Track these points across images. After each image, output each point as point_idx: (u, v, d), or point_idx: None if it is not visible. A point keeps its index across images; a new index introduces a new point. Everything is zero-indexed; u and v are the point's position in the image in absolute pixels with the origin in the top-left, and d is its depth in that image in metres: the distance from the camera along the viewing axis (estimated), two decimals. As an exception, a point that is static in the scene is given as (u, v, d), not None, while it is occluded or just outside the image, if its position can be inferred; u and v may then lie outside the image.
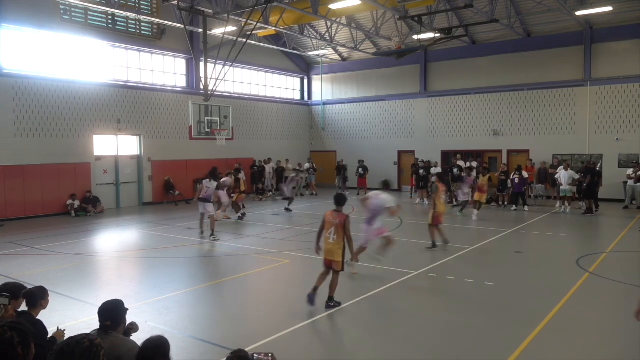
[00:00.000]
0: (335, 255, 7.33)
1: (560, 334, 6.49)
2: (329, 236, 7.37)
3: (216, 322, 7.25)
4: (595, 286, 8.75)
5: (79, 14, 18.50)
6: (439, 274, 9.40)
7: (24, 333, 2.56)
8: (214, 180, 13.43)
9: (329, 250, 7.38)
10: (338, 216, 7.35)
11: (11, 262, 10.72)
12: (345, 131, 28.08)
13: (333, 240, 7.32)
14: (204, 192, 13.22)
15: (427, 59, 25.09)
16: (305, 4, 17.54)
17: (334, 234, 7.31)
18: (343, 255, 7.38)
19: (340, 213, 7.41)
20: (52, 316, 6.08)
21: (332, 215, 7.42)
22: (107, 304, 3.81)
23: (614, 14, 19.08)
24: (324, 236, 7.52)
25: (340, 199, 7.56)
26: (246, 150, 24.80)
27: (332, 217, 7.39)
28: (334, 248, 7.32)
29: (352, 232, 7.38)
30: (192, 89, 22.67)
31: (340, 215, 7.35)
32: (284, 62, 28.10)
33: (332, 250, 7.34)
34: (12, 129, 16.96)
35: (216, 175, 13.76)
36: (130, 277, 9.99)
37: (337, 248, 7.31)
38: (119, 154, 20.22)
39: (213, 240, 12.80)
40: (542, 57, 22.09)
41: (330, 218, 7.41)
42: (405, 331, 6.64)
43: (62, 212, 17.91)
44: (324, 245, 7.46)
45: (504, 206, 19.22)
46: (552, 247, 12.52)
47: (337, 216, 7.35)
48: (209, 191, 13.25)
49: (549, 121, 21.99)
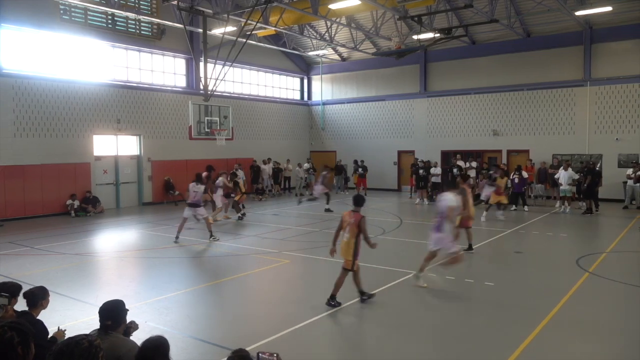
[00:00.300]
0: (346, 253, 7.43)
1: (560, 334, 6.49)
2: (343, 235, 7.51)
3: (216, 322, 7.25)
4: (595, 286, 8.75)
5: (78, 14, 18.50)
6: (439, 274, 9.39)
7: (24, 333, 2.56)
8: (200, 184, 13.05)
9: (341, 248, 7.50)
10: (354, 216, 7.45)
11: (11, 262, 10.72)
12: (345, 131, 28.08)
13: (346, 239, 7.45)
14: (192, 197, 12.87)
15: (427, 59, 25.10)
16: (305, 4, 17.54)
17: (347, 232, 7.44)
18: (354, 255, 7.42)
19: (357, 213, 7.48)
20: (52, 316, 6.08)
21: (349, 215, 7.53)
22: (107, 303, 3.82)
23: (613, 14, 19.09)
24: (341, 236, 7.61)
25: (359, 199, 7.67)
26: (246, 150, 24.80)
27: (348, 217, 7.52)
28: (345, 246, 7.45)
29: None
30: (192, 89, 22.67)
31: (356, 215, 7.44)
32: (284, 62, 28.11)
33: (343, 249, 7.46)
34: (12, 129, 16.96)
35: (201, 178, 13.43)
36: (130, 277, 9.99)
37: (349, 247, 7.40)
38: (118, 154, 20.22)
39: (213, 241, 12.75)
40: (542, 57, 22.10)
41: (346, 217, 7.54)
42: (405, 331, 6.64)
43: (62, 212, 17.90)
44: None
45: (504, 206, 19.20)
46: (552, 247, 12.52)
47: (353, 215, 7.46)
48: (197, 195, 12.89)
49: (549, 121, 22.00)
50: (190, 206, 12.94)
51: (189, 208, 12.98)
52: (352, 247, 7.40)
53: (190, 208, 12.95)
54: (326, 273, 10.06)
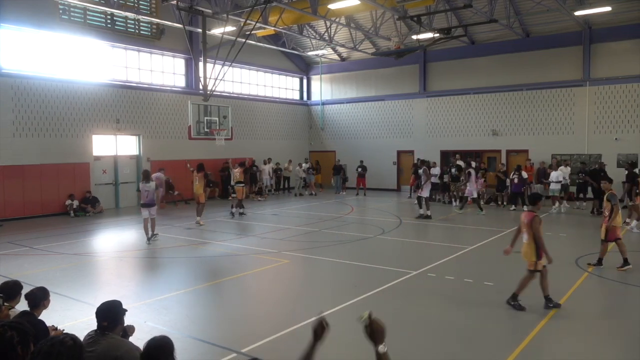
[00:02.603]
0: (527, 255, 7.38)
1: (559, 334, 6.49)
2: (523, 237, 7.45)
3: (215, 322, 7.25)
4: (595, 286, 8.75)
5: (78, 14, 18.48)
6: (438, 274, 9.40)
7: (24, 333, 2.56)
8: (148, 182, 12.85)
9: (523, 250, 7.46)
10: (527, 215, 7.42)
11: (10, 262, 10.71)
12: (345, 131, 28.09)
13: (525, 240, 7.41)
14: (145, 196, 12.77)
15: (426, 59, 25.10)
16: (304, 4, 17.54)
17: (525, 233, 7.40)
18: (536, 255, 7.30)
19: (530, 212, 7.44)
20: (51, 316, 6.06)
21: (525, 215, 7.50)
22: (104, 304, 3.80)
23: (612, 14, 19.10)
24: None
25: (535, 197, 7.69)
26: (245, 150, 24.78)
27: (524, 217, 7.48)
28: (526, 248, 7.40)
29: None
30: (191, 88, 22.67)
31: (529, 214, 7.40)
32: (283, 62, 28.10)
33: (525, 250, 7.42)
34: (11, 128, 16.95)
35: (149, 176, 13.19)
36: (129, 277, 9.99)
37: (529, 248, 7.34)
38: (118, 153, 20.20)
39: (154, 240, 12.73)
40: (541, 57, 22.11)
41: (522, 218, 7.52)
42: (404, 331, 6.64)
43: (61, 212, 17.89)
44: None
45: (503, 206, 19.23)
46: (551, 246, 12.30)
47: (526, 215, 7.44)
48: (150, 195, 12.76)
49: (548, 121, 22.01)
50: (144, 206, 12.81)
51: (144, 208, 12.81)
52: (533, 247, 7.30)
53: (145, 208, 12.79)
54: (326, 273, 10.08)
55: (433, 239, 13.71)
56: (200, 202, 15.58)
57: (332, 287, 9.03)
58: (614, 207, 9.35)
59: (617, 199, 9.66)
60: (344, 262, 10.48)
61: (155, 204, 12.92)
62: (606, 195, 9.73)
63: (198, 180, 15.53)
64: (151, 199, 12.80)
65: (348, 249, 11.92)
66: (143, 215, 12.87)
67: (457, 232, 14.43)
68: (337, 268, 10.20)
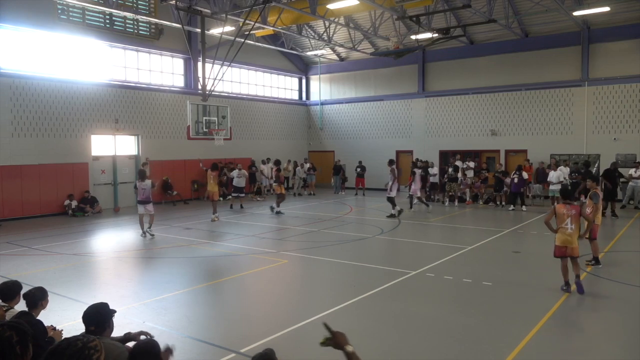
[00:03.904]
0: (574, 242, 8.08)
1: (558, 334, 6.50)
2: (565, 227, 8.08)
3: (214, 322, 7.24)
4: (594, 286, 8.76)
5: (76, 14, 18.46)
6: (437, 274, 9.40)
7: (23, 332, 2.55)
8: (143, 180, 13.43)
9: (566, 239, 8.09)
10: (573, 207, 8.14)
11: (9, 262, 10.70)
12: (344, 131, 28.09)
13: (572, 230, 8.06)
14: (141, 194, 13.32)
15: (425, 59, 25.12)
16: (303, 4, 17.54)
17: (571, 223, 8.06)
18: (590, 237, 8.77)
19: (573, 204, 8.23)
20: (50, 316, 6.06)
21: (565, 207, 8.15)
22: (89, 308, 3.65)
23: (611, 14, 19.13)
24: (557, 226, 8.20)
25: (566, 191, 8.68)
26: (244, 150, 24.78)
27: (565, 209, 8.12)
28: (573, 238, 8.07)
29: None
30: (190, 88, 22.65)
31: (575, 207, 8.18)
32: (282, 62, 28.10)
33: (572, 240, 8.07)
34: (10, 128, 16.93)
35: (145, 175, 13.75)
36: (128, 278, 9.98)
37: (576, 236, 8.10)
38: (116, 153, 20.19)
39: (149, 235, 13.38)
40: (540, 57, 22.13)
41: (563, 210, 8.14)
42: (403, 331, 6.64)
43: (60, 212, 17.87)
44: (560, 236, 8.14)
45: (502, 206, 19.25)
46: (550, 246, 12.46)
47: (571, 207, 8.13)
48: (146, 192, 13.32)
49: (547, 121, 22.04)
50: (140, 203, 13.41)
51: (140, 205, 13.43)
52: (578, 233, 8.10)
53: (141, 205, 13.39)
54: (324, 273, 10.07)
55: (432, 239, 13.71)
56: (215, 199, 16.43)
57: (331, 287, 9.02)
58: (595, 205, 9.93)
59: (600, 198, 10.23)
60: (343, 262, 10.48)
61: (151, 201, 13.52)
62: (590, 193, 10.28)
63: (212, 179, 16.44)
64: (147, 196, 13.38)
65: (347, 249, 11.92)
66: (139, 212, 13.53)
67: (456, 232, 14.44)
68: (336, 268, 10.20)
